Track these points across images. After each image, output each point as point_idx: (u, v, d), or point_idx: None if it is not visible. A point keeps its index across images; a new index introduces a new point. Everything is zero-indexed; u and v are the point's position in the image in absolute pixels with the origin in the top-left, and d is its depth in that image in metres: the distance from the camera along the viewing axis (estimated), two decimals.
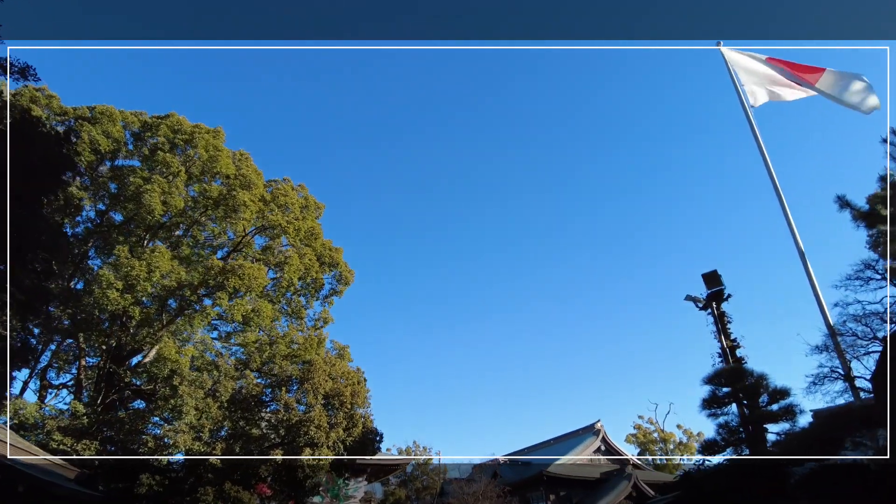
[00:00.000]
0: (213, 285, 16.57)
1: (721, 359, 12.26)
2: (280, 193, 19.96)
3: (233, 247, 20.08)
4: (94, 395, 19.83)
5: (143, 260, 16.03)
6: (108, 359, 20.49)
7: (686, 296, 12.18)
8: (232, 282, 16.44)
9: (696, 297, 12.13)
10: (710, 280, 12.19)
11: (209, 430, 17.17)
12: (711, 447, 11.33)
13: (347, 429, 18.72)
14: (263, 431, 19.48)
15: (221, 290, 16.42)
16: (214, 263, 17.12)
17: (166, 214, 19.09)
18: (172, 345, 16.24)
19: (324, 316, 24.68)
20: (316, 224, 22.44)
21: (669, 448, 60.09)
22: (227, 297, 16.51)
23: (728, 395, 11.31)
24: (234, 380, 19.23)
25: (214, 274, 16.72)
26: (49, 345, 22.19)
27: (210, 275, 16.71)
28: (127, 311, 16.12)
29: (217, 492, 16.27)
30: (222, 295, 16.37)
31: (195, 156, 19.61)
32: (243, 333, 21.03)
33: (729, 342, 12.27)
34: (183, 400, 16.59)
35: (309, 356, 20.51)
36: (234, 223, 19.22)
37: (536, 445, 56.95)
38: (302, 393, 18.24)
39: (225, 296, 16.43)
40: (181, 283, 16.37)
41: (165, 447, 16.39)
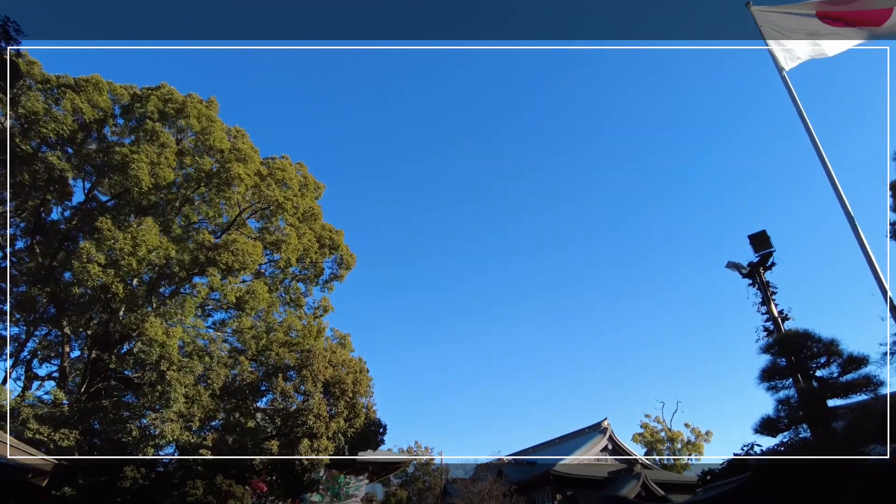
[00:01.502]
0: (204, 261, 15.26)
1: (766, 333, 11.00)
2: (278, 169, 18.67)
3: (226, 226, 18.80)
4: (80, 384, 18.59)
5: (127, 233, 14.74)
6: (94, 345, 19.22)
7: (728, 263, 10.93)
8: (224, 257, 15.13)
9: (738, 264, 10.87)
10: (757, 242, 10.87)
11: (199, 420, 15.86)
12: (771, 425, 10.02)
13: (349, 419, 17.41)
14: (259, 423, 18.19)
15: (213, 266, 15.11)
16: (206, 238, 15.81)
17: (155, 188, 17.82)
18: (159, 325, 14.93)
19: (324, 304, 23.41)
20: (315, 204, 21.16)
21: (677, 447, 58.70)
22: (219, 275, 15.20)
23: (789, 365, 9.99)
24: (228, 367, 17.94)
25: (206, 249, 15.42)
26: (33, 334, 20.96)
27: (201, 250, 15.41)
28: (110, 289, 14.82)
29: (208, 486, 14.97)
30: (213, 271, 15.05)
31: (187, 128, 18.35)
32: (238, 319, 19.73)
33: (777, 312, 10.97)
34: (171, 386, 15.30)
35: (308, 344, 19.25)
36: (228, 198, 17.93)
37: (542, 444, 55.61)
38: (300, 380, 16.93)
39: (217, 272, 15.12)
40: (169, 258, 15.06)
41: (151, 437, 15.08)
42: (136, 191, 15.89)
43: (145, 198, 18.33)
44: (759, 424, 10.05)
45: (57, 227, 19.59)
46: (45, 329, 21.33)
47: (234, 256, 15.30)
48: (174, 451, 17.12)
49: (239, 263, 15.35)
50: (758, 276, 10.92)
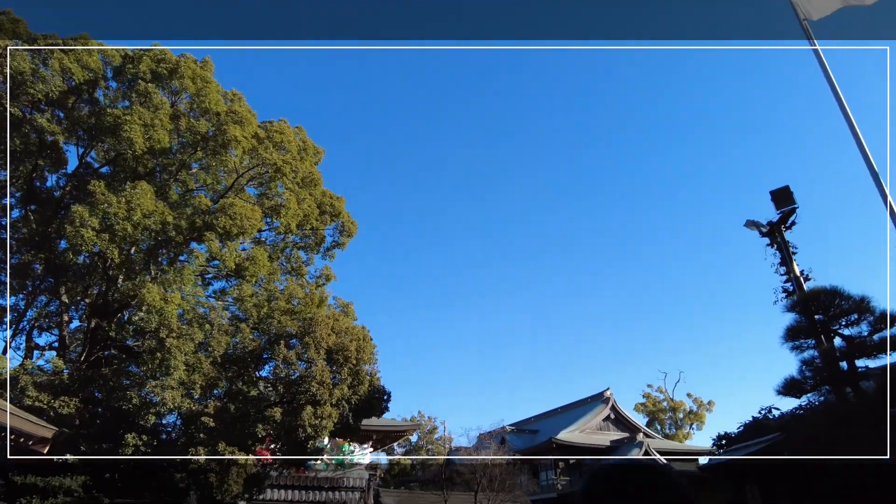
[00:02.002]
0: (202, 225, 14.81)
1: (785, 294, 10.58)
2: (276, 132, 18.06)
3: (224, 192, 18.29)
4: (80, 353, 18.37)
5: (122, 197, 14.27)
6: (92, 314, 18.94)
7: (746, 221, 10.44)
8: (222, 221, 14.67)
9: (757, 223, 10.38)
10: (780, 198, 10.32)
11: (200, 388, 15.62)
12: (796, 386, 9.65)
13: (352, 386, 17.17)
14: (261, 391, 17.98)
15: (210, 230, 14.67)
16: (202, 202, 15.33)
17: (150, 152, 17.29)
18: (157, 292, 14.56)
19: (326, 273, 23.04)
20: (315, 170, 20.59)
21: (679, 417, 59.11)
22: (217, 240, 14.77)
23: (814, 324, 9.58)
24: (229, 335, 17.65)
25: (203, 214, 14.96)
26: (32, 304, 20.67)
27: (198, 214, 14.95)
28: (105, 255, 14.42)
29: (210, 453, 14.78)
30: (211, 236, 14.61)
31: (182, 90, 17.72)
32: (238, 287, 19.37)
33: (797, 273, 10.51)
34: (170, 354, 15.00)
35: (310, 312, 18.92)
36: (225, 163, 17.39)
37: (544, 414, 55.96)
38: (303, 348, 16.63)
39: (214, 237, 14.68)
40: (166, 223, 14.62)
41: (152, 405, 14.86)
42: (129, 154, 15.36)
43: (140, 164, 17.81)
44: (783, 386, 9.68)
45: (51, 195, 19.12)
46: (45, 299, 21.07)
47: (233, 221, 14.84)
48: (176, 420, 16.96)
49: (237, 228, 14.90)
50: (778, 235, 10.43)
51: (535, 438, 49.28)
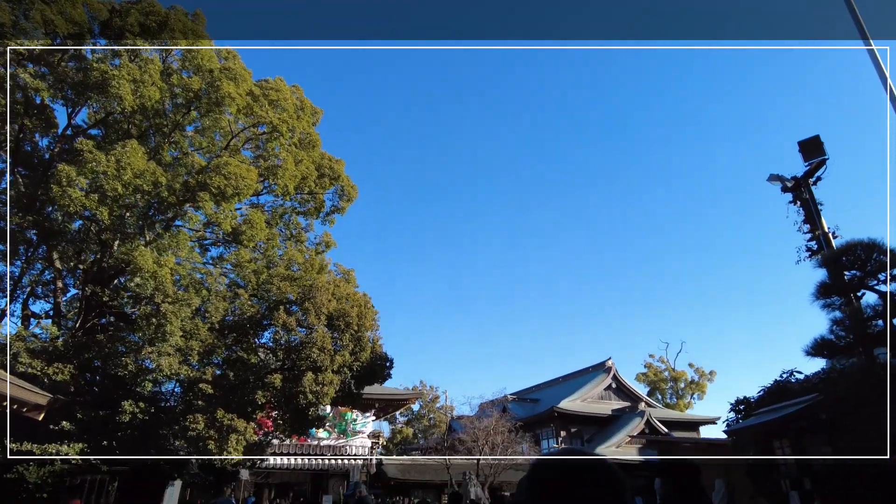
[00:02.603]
0: (195, 185, 14.17)
1: (809, 254, 10.00)
2: (271, 89, 17.26)
3: (217, 153, 17.58)
4: (76, 320, 17.93)
5: (111, 155, 13.60)
6: (87, 280, 18.44)
7: (770, 175, 9.80)
8: (216, 181, 14.02)
9: (781, 177, 9.72)
10: (809, 149, 9.60)
11: (198, 354, 15.19)
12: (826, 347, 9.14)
13: (354, 353, 16.76)
14: (261, 358, 17.60)
15: (204, 190, 14.04)
16: (195, 161, 14.66)
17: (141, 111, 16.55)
18: (150, 254, 14.00)
19: (326, 239, 22.49)
20: (313, 131, 19.83)
21: (680, 387, 59.25)
22: (211, 200, 14.15)
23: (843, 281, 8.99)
24: (227, 301, 17.18)
25: (195, 173, 14.31)
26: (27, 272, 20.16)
27: (191, 174, 14.30)
28: (95, 218, 13.82)
29: (209, 420, 14.44)
30: (205, 196, 13.98)
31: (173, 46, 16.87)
32: (236, 253, 18.84)
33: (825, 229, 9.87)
34: (166, 319, 14.53)
35: (310, 278, 18.44)
36: (219, 122, 16.65)
37: (546, 383, 56.05)
38: (303, 314, 16.17)
39: (208, 198, 14.05)
40: (158, 184, 13.97)
41: (148, 371, 14.44)
42: (118, 109, 14.63)
43: (132, 124, 17.09)
44: (813, 347, 9.17)
45: (41, 157, 18.43)
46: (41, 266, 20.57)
47: (227, 180, 14.18)
48: (174, 387, 16.60)
49: (232, 188, 14.25)
50: (805, 189, 9.78)
51: (536, 407, 49.39)
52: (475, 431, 34.82)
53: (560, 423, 45.08)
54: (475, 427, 35.36)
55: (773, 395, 11.31)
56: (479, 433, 34.50)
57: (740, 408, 12.23)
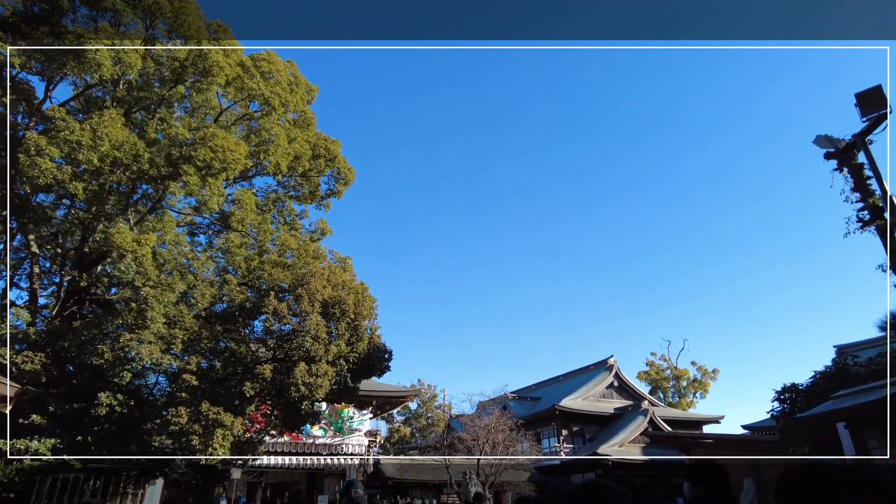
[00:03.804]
0: (178, 158, 13.03)
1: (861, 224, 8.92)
2: (263, 60, 16.13)
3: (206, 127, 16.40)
4: (53, 306, 16.78)
5: (86, 124, 12.45)
6: (64, 264, 17.30)
7: (817, 137, 8.73)
8: (201, 153, 12.88)
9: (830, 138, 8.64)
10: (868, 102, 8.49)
11: (182, 342, 14.05)
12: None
13: (351, 343, 15.66)
14: (250, 348, 16.47)
15: (188, 163, 12.90)
16: (179, 132, 13.52)
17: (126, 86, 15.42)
18: (128, 233, 12.87)
19: (321, 227, 21.36)
20: (308, 109, 18.71)
21: (682, 385, 58.23)
22: (196, 175, 13.01)
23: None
24: (214, 287, 16.05)
25: (179, 145, 13.17)
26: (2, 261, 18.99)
27: (174, 146, 13.17)
28: (68, 191, 12.67)
29: (192, 413, 13.31)
30: (189, 170, 12.84)
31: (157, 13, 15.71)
32: (225, 237, 17.72)
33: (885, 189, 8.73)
34: (147, 304, 13.40)
35: (304, 263, 17.33)
36: (209, 98, 15.52)
37: (547, 381, 55.01)
38: (295, 300, 15.04)
39: (193, 172, 12.91)
40: (139, 156, 12.82)
41: (127, 360, 13.30)
42: (95, 78, 13.47)
43: (114, 98, 15.95)
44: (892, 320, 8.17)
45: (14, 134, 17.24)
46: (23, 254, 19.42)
47: (214, 153, 13.04)
48: (157, 379, 15.46)
49: (219, 162, 13.10)
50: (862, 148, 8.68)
51: (537, 405, 48.34)
52: (475, 430, 33.74)
53: (562, 422, 44.03)
54: (475, 425, 34.28)
55: (833, 379, 10.25)
56: (480, 431, 33.43)
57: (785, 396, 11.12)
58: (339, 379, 17.41)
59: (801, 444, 9.35)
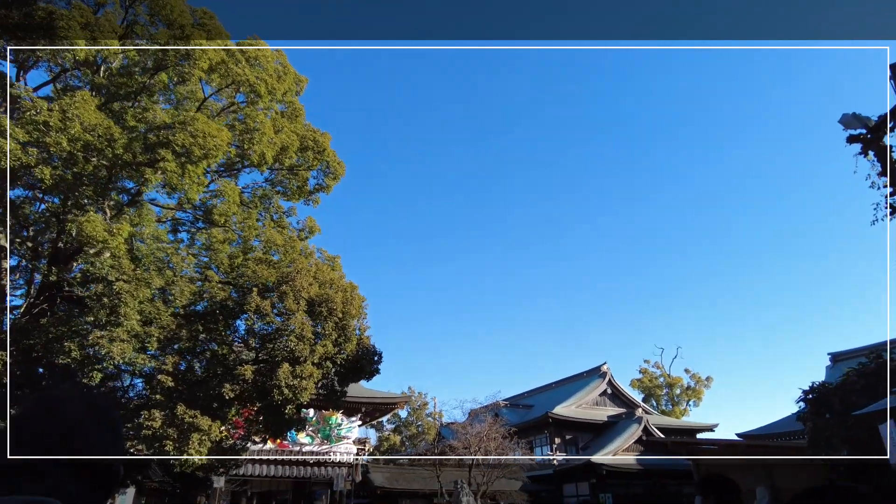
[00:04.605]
0: (155, 142, 12.22)
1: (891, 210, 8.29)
2: (250, 45, 15.39)
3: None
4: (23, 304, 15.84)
5: (55, 104, 11.63)
6: (36, 258, 16.37)
7: (843, 116, 8.10)
8: (180, 138, 12.07)
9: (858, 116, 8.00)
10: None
11: (157, 341, 13.17)
12: None
13: (338, 343, 14.83)
14: (231, 349, 15.59)
15: (165, 148, 12.07)
16: (157, 115, 12.71)
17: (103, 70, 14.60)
18: (100, 221, 12.01)
19: (309, 225, 20.55)
20: (296, 100, 17.96)
21: (675, 393, 57.63)
22: (174, 162, 12.19)
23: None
24: (194, 283, 15.19)
25: (156, 129, 12.36)
26: None
27: (151, 130, 12.34)
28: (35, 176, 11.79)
29: (167, 417, 12.41)
30: (167, 155, 12.02)
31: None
32: (207, 231, 16.86)
33: None
34: (121, 300, 12.52)
35: (290, 259, 16.52)
36: (189, 79, 14.70)
37: (539, 388, 54.23)
38: (279, 298, 14.21)
39: (171, 157, 12.09)
40: (113, 140, 11.98)
41: (96, 360, 12.40)
42: (68, 57, 12.65)
43: (89, 81, 15.12)
44: None
45: None
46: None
47: (193, 139, 12.24)
48: (131, 379, 14.52)
49: (199, 147, 12.29)
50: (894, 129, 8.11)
51: (529, 413, 47.56)
52: (467, 438, 32.89)
53: (555, 430, 43.25)
54: (467, 433, 33.43)
55: (872, 376, 9.57)
56: (472, 439, 32.59)
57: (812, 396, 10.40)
58: (326, 382, 16.56)
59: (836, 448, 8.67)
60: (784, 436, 18.80)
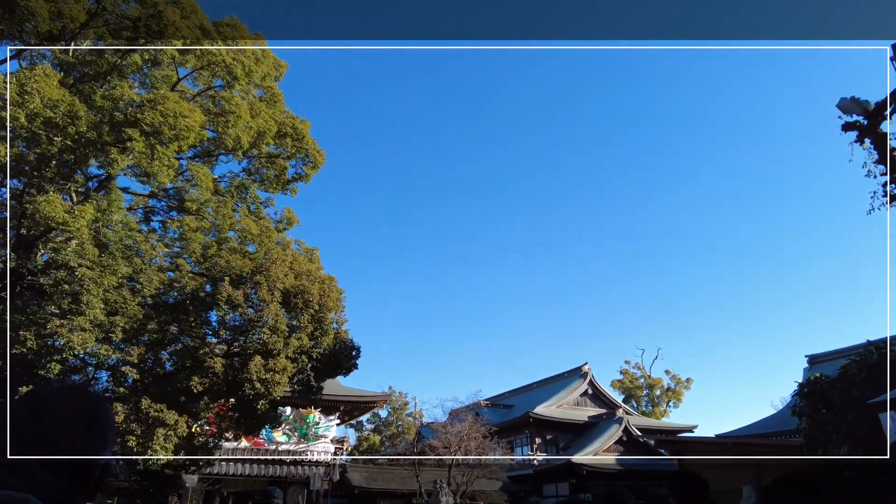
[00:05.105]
0: (122, 120, 11.56)
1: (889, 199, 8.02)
2: (227, 25, 14.75)
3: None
4: None
5: (13, 76, 10.92)
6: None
7: (841, 100, 7.83)
8: (149, 116, 11.44)
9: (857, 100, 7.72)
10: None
11: (122, 331, 12.49)
12: None
13: (314, 337, 14.27)
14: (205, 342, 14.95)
15: (133, 127, 11.42)
16: (125, 92, 12.05)
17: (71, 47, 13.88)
18: (59, 202, 11.33)
19: (288, 216, 19.96)
20: (275, 86, 17.36)
21: (656, 394, 57.80)
22: (142, 142, 11.54)
23: None
24: (164, 272, 14.53)
25: (124, 105, 11.70)
26: None
27: (117, 107, 11.68)
28: None
29: (131, 411, 11.76)
30: (134, 133, 11.36)
31: None
32: (180, 219, 16.20)
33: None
34: (83, 287, 11.84)
35: (266, 248, 15.93)
36: (163, 62, 14.07)
37: (520, 389, 53.97)
38: (252, 287, 13.61)
39: (139, 136, 11.44)
40: (76, 117, 11.30)
41: (55, 350, 11.70)
42: (30, 27, 11.94)
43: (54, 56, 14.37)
44: None
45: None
46: None
47: (164, 118, 11.60)
48: (94, 372, 13.78)
49: (169, 128, 11.66)
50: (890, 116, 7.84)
51: (510, 413, 47.24)
52: (447, 437, 32.43)
53: (535, 430, 42.99)
54: (447, 433, 32.97)
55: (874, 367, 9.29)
56: (452, 439, 32.14)
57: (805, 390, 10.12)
58: (302, 377, 16.00)
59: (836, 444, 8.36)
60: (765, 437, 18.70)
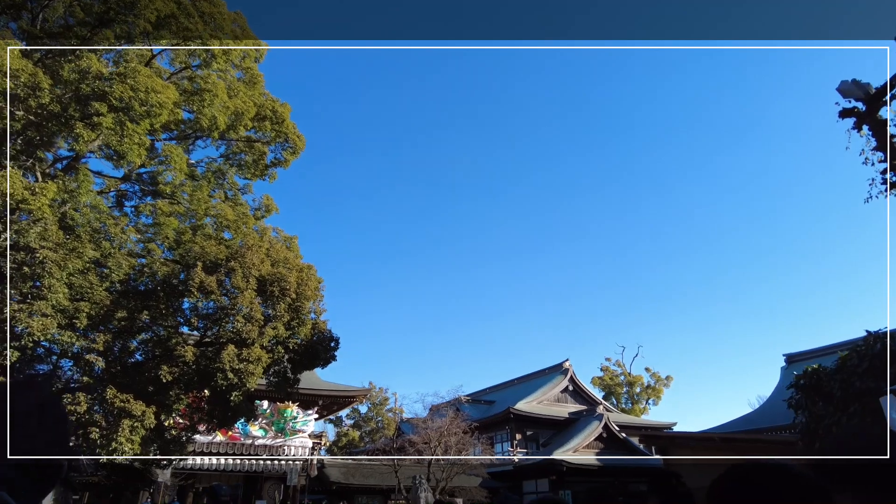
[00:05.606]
0: (89, 93, 10.92)
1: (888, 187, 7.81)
2: (205, 1, 14.10)
3: None
4: None
5: None
6: None
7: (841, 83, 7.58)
8: (118, 89, 10.82)
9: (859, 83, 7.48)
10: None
11: (88, 318, 11.86)
12: None
13: (291, 327, 13.75)
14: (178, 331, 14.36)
15: (101, 101, 10.79)
16: (93, 65, 11.40)
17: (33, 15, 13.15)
18: (18, 178, 10.66)
19: (266, 203, 19.37)
20: (255, 67, 16.76)
21: (635, 391, 58.07)
22: (110, 117, 10.92)
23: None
24: (134, 257, 13.90)
25: (92, 78, 11.06)
26: None
27: (85, 79, 11.04)
28: None
29: (94, 401, 11.16)
30: (101, 108, 10.73)
31: None
32: (153, 203, 15.56)
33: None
34: (45, 269, 11.19)
35: (242, 234, 15.37)
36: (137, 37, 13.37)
37: (500, 385, 53.80)
38: (227, 274, 13.05)
39: (106, 111, 10.81)
40: (38, 88, 10.65)
41: (13, 337, 11.04)
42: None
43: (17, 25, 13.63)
44: None
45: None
46: None
47: (134, 93, 10.99)
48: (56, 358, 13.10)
49: (140, 103, 11.05)
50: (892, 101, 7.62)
51: (491, 409, 47.02)
52: (427, 433, 32.06)
53: (516, 426, 42.81)
54: (427, 428, 32.59)
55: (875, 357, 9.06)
56: (432, 434, 31.77)
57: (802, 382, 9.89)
58: (278, 369, 15.47)
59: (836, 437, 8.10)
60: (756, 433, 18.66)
